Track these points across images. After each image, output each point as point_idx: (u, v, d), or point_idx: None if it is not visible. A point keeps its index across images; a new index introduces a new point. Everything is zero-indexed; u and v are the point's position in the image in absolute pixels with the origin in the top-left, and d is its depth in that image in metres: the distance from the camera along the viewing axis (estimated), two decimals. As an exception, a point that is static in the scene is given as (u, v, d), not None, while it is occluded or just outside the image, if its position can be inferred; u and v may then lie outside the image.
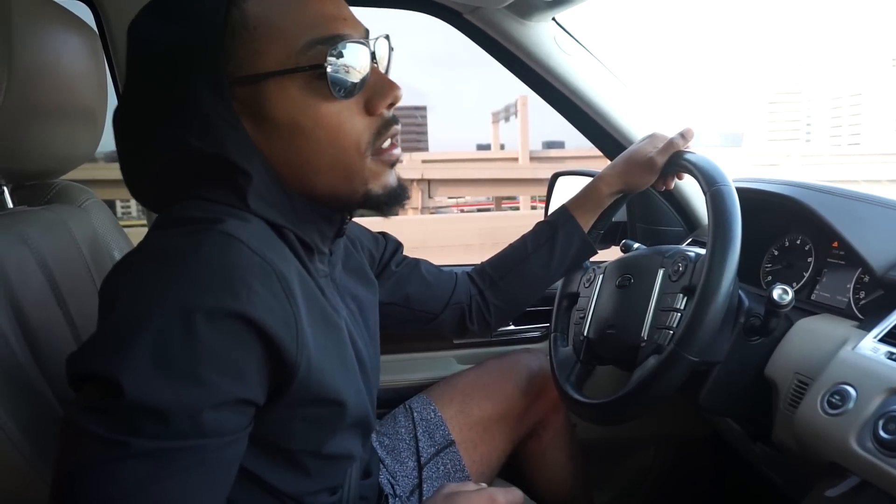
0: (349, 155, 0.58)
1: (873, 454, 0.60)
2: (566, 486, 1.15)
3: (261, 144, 0.57)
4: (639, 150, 0.94)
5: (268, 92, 0.55)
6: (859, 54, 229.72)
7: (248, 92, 0.55)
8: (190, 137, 0.54)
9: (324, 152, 0.57)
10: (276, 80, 0.55)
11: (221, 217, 0.52)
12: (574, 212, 0.97)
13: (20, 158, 0.74)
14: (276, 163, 0.58)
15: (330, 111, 0.56)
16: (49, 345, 0.68)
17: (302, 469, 0.61)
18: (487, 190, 16.88)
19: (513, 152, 19.72)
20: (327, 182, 0.59)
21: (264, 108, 0.55)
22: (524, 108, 21.18)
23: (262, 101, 0.55)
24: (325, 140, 0.57)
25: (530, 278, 0.97)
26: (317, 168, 0.58)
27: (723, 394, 0.82)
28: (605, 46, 1.09)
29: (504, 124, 29.40)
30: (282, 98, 0.55)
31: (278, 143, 0.57)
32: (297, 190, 0.59)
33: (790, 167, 22.22)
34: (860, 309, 0.82)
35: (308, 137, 0.57)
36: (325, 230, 0.64)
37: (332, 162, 0.58)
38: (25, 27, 0.66)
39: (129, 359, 0.45)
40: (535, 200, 16.13)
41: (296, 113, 0.56)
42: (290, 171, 0.58)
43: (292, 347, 0.52)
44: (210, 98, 0.53)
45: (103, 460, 0.45)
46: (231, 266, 0.49)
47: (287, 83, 0.55)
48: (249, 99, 0.55)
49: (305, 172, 0.58)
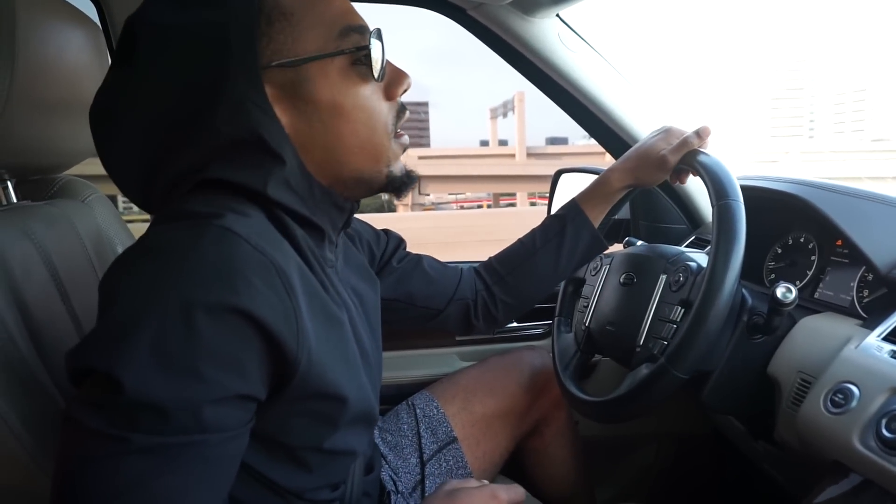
0: (379, 135, 0.62)
1: (876, 453, 0.60)
2: (568, 482, 1.16)
3: (294, 129, 0.58)
4: (652, 145, 0.91)
5: (309, 75, 0.57)
6: (863, 50, 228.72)
7: (287, 76, 0.57)
8: (219, 122, 0.54)
9: (359, 132, 0.60)
10: (317, 64, 0.58)
11: (220, 212, 0.52)
12: (583, 205, 0.95)
13: (24, 153, 0.74)
14: (308, 146, 0.59)
15: (366, 93, 0.60)
16: (52, 339, 0.68)
17: (303, 465, 0.61)
18: (481, 186, 16.84)
19: (510, 149, 19.72)
20: (357, 163, 0.62)
21: (306, 91, 0.57)
22: (521, 103, 21.13)
23: (303, 84, 0.57)
24: (362, 120, 0.60)
25: (539, 274, 0.95)
26: (350, 148, 0.61)
27: (725, 392, 0.82)
28: (609, 43, 1.09)
29: (502, 120, 29.37)
30: (323, 80, 0.58)
31: (317, 125, 0.59)
32: (320, 176, 0.61)
33: (789, 163, 22.15)
34: (864, 307, 0.82)
35: (347, 118, 0.59)
36: (336, 220, 0.65)
37: (365, 142, 0.61)
38: (29, 22, 0.66)
39: (128, 354, 0.45)
40: (532, 197, 16.15)
41: (337, 94, 0.59)
42: (322, 154, 0.60)
43: (293, 342, 0.51)
44: (243, 84, 0.54)
45: (104, 456, 0.45)
46: (230, 261, 0.48)
47: (329, 67, 0.58)
48: (288, 83, 0.57)
49: (338, 154, 0.60)
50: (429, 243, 6.94)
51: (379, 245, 0.90)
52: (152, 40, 0.55)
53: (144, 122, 0.56)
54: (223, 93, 0.54)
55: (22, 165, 0.78)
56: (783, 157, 25.58)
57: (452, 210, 20.61)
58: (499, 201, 16.69)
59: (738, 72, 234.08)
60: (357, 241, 0.84)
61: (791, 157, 24.75)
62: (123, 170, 0.60)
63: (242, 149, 0.55)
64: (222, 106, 0.54)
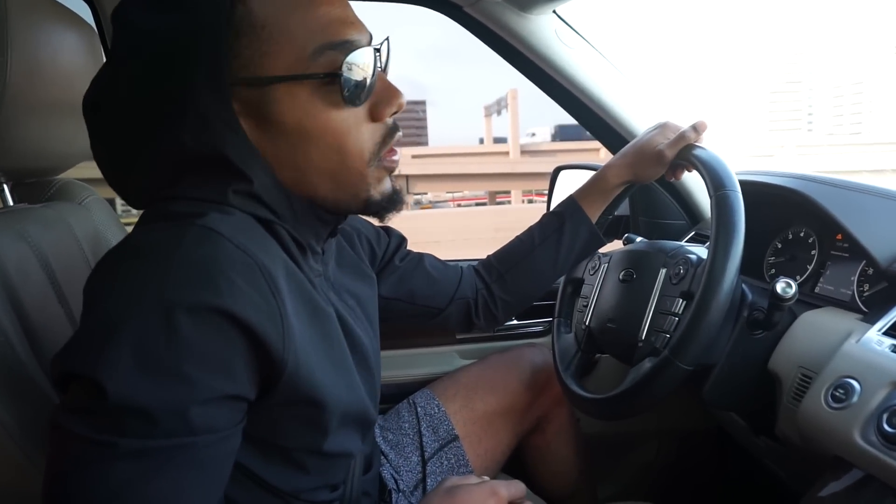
0: (354, 161, 0.58)
1: (877, 448, 0.60)
2: (570, 479, 1.15)
3: (261, 146, 0.55)
4: (649, 140, 0.91)
5: (276, 95, 0.54)
6: (861, 43, 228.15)
7: (252, 94, 0.54)
8: (185, 136, 0.52)
9: (329, 158, 0.57)
10: (285, 85, 0.53)
11: (203, 211, 0.51)
12: (581, 202, 0.95)
13: (19, 156, 0.74)
14: (278, 165, 0.56)
15: (338, 118, 0.56)
16: (49, 342, 0.68)
17: (299, 466, 0.61)
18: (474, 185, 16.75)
19: (504, 146, 19.66)
20: (329, 186, 0.58)
21: (270, 112, 0.54)
22: (514, 101, 21.09)
23: (268, 105, 0.54)
24: (332, 146, 0.56)
25: (538, 271, 0.95)
26: (320, 173, 0.57)
27: (726, 388, 0.81)
28: (606, 38, 1.09)
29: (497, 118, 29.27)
30: (290, 103, 0.54)
31: (283, 147, 0.56)
32: (296, 193, 0.58)
33: (785, 157, 22.12)
34: (864, 302, 0.81)
35: (315, 143, 0.56)
36: (320, 231, 0.63)
37: (337, 168, 0.57)
38: (22, 24, 0.66)
39: (110, 358, 0.44)
40: (526, 194, 16.13)
41: (304, 118, 0.55)
42: (292, 175, 0.57)
43: (278, 343, 0.51)
44: (208, 97, 0.51)
45: (92, 461, 0.44)
46: (212, 261, 0.48)
47: (297, 88, 0.54)
48: (254, 101, 0.54)
49: (308, 177, 0.57)
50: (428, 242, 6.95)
51: (380, 243, 0.90)
52: (125, 39, 0.54)
53: (122, 120, 0.55)
54: (188, 106, 0.52)
55: (18, 168, 0.78)
56: (779, 151, 25.51)
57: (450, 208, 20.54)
58: (495, 199, 16.65)
59: (736, 65, 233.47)
60: (356, 238, 0.83)
61: (787, 150, 24.67)
62: (108, 166, 0.59)
63: (207, 164, 0.54)
64: (188, 118, 0.52)
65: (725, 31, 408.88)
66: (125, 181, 0.59)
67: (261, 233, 0.55)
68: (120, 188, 0.60)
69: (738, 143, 28.16)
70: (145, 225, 0.53)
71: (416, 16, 35.75)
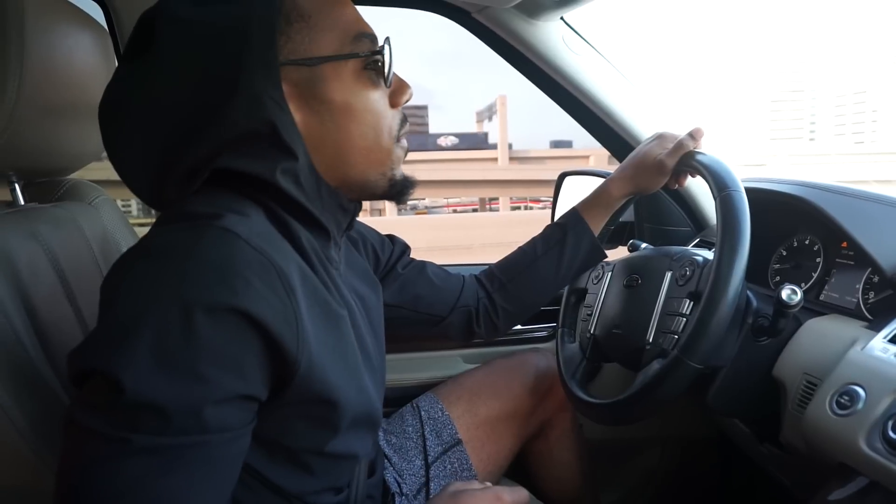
0: (386, 139, 0.64)
1: (882, 455, 0.60)
2: (573, 485, 1.15)
3: (307, 126, 0.59)
4: (648, 151, 0.92)
5: (325, 74, 0.59)
6: (864, 51, 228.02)
7: (302, 74, 0.58)
8: (236, 115, 0.54)
9: (367, 135, 0.62)
10: (332, 65, 0.59)
11: (220, 212, 0.52)
12: (584, 214, 0.95)
13: (31, 156, 0.74)
14: (318, 145, 0.60)
15: (375, 97, 0.62)
16: (59, 341, 0.69)
17: (305, 468, 0.61)
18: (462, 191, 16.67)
19: (493, 152, 19.60)
20: (364, 164, 0.63)
21: (320, 91, 0.59)
22: (503, 107, 21.04)
23: (318, 83, 0.59)
24: (371, 123, 0.62)
25: (539, 281, 0.96)
26: (359, 149, 0.62)
27: (730, 394, 0.81)
28: (613, 45, 1.09)
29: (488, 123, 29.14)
30: (337, 81, 0.59)
31: (329, 124, 0.60)
32: (328, 176, 0.62)
33: (777, 167, 22.00)
34: (869, 309, 0.81)
35: (358, 120, 0.61)
36: (340, 220, 0.66)
37: (372, 144, 0.63)
38: (38, 25, 0.67)
39: (128, 355, 0.45)
40: (514, 201, 16.13)
41: (349, 96, 0.60)
42: (331, 154, 0.61)
43: (293, 343, 0.51)
44: (262, 78, 0.55)
45: (105, 457, 0.45)
46: (229, 261, 0.49)
47: (342, 68, 0.60)
48: (303, 81, 0.58)
49: (347, 154, 0.62)
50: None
51: (384, 250, 0.91)
52: (173, 33, 0.55)
53: (159, 114, 0.56)
54: (241, 86, 0.54)
55: (30, 168, 0.79)
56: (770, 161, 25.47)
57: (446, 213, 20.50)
58: (486, 206, 16.65)
59: (739, 74, 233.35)
60: (361, 245, 0.84)
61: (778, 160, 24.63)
62: (134, 165, 0.59)
63: (255, 141, 0.56)
64: (240, 98, 0.54)
65: (728, 40, 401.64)
66: (152, 182, 0.59)
67: (276, 235, 0.56)
68: (143, 190, 0.60)
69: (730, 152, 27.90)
70: (163, 225, 0.54)
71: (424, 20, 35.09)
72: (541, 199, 17.18)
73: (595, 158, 18.11)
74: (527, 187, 16.06)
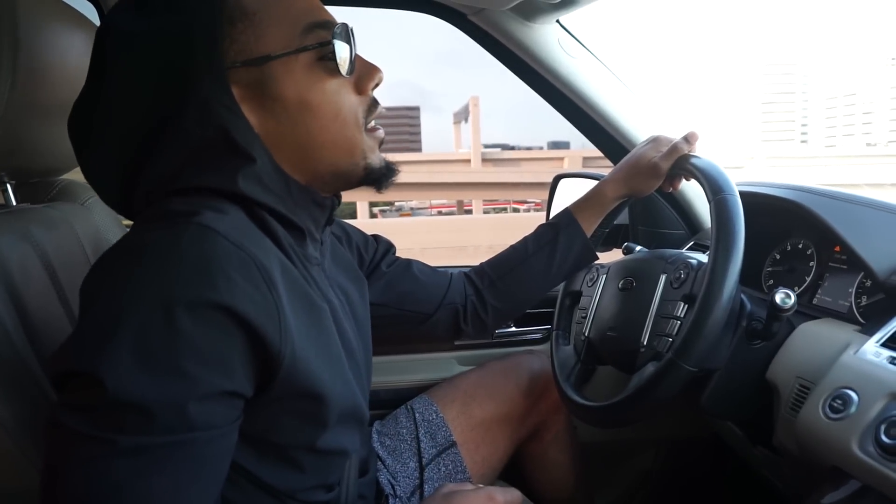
0: (350, 129, 0.62)
1: (875, 459, 0.60)
2: (567, 487, 1.15)
3: (263, 128, 0.58)
4: (643, 154, 0.93)
5: (275, 72, 0.58)
6: (856, 53, 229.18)
7: (252, 75, 0.57)
8: (188, 124, 0.54)
9: (328, 127, 0.61)
10: (282, 62, 0.58)
11: (198, 210, 0.52)
12: (577, 215, 0.96)
13: (24, 156, 0.74)
14: (280, 144, 0.59)
15: (332, 88, 0.60)
16: (50, 341, 0.68)
17: (295, 465, 0.61)
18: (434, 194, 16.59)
19: (466, 154, 19.58)
20: (331, 158, 0.62)
21: (271, 89, 0.58)
22: (476, 108, 21.03)
23: (269, 83, 0.58)
24: (330, 115, 0.61)
25: (530, 280, 0.96)
26: (322, 144, 0.61)
27: (724, 397, 0.81)
28: (608, 48, 1.10)
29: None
30: (289, 78, 0.58)
31: (286, 122, 0.59)
32: (296, 173, 0.61)
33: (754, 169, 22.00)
34: (862, 313, 0.82)
35: (315, 114, 0.60)
36: (317, 216, 0.65)
37: (336, 136, 0.61)
38: (30, 25, 0.66)
39: (110, 355, 0.45)
40: (486, 203, 16.16)
41: (303, 90, 0.59)
42: (294, 155, 0.60)
43: (275, 337, 0.51)
44: (209, 84, 0.54)
45: (90, 458, 0.45)
46: (209, 257, 0.48)
47: (293, 63, 0.58)
48: (254, 82, 0.57)
49: (310, 150, 0.61)
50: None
51: (368, 249, 0.91)
52: (119, 47, 0.56)
53: (118, 130, 0.57)
54: (189, 94, 0.54)
55: (22, 168, 0.78)
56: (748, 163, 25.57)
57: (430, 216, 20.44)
58: (463, 208, 16.62)
59: (730, 76, 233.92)
60: (345, 242, 0.84)
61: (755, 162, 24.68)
62: (102, 179, 0.61)
63: (211, 150, 0.56)
64: (189, 107, 0.54)
65: (719, 40, 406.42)
66: (121, 195, 0.60)
67: (254, 230, 0.56)
68: (113, 202, 0.62)
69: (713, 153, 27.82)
70: (142, 225, 0.54)
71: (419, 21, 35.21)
72: (527, 200, 17.04)
73: (569, 161, 18.07)
74: (501, 190, 16.01)
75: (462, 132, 25.09)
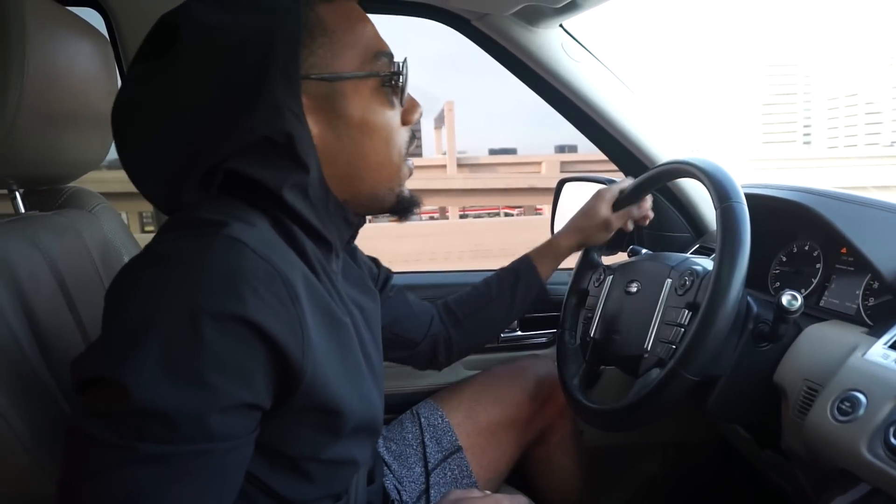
0: (396, 156, 0.65)
1: (884, 461, 0.60)
2: (573, 491, 1.15)
3: (323, 140, 0.59)
4: (591, 209, 1.05)
5: (345, 90, 0.60)
6: (857, 54, 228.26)
7: (321, 89, 0.59)
8: (255, 124, 0.54)
9: (380, 151, 0.63)
10: (352, 82, 0.60)
11: (227, 220, 0.52)
12: (536, 262, 1.05)
13: (32, 164, 0.75)
14: (333, 159, 0.61)
15: (390, 115, 0.63)
16: (59, 348, 0.68)
17: (305, 475, 0.61)
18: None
19: (443, 159, 19.35)
20: (374, 179, 0.64)
21: (338, 105, 0.60)
22: (450, 113, 20.90)
23: (336, 99, 0.59)
24: (384, 139, 0.63)
25: (491, 320, 1.05)
26: (371, 164, 0.63)
27: (731, 400, 0.81)
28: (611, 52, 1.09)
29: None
30: (356, 98, 0.60)
31: (345, 138, 0.61)
32: (338, 190, 0.62)
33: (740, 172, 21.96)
34: (869, 315, 0.81)
35: (373, 135, 0.62)
36: (344, 233, 0.66)
37: (384, 160, 0.64)
38: (39, 34, 0.67)
39: (135, 362, 0.45)
40: (462, 209, 16.06)
41: (366, 112, 0.61)
42: (343, 168, 0.62)
43: (298, 352, 0.52)
44: (283, 90, 0.55)
45: (110, 465, 0.45)
46: (236, 270, 0.49)
47: (361, 85, 0.61)
48: (322, 96, 0.59)
49: (359, 169, 0.63)
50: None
51: (372, 272, 0.92)
52: (196, 37, 0.55)
53: (177, 117, 0.55)
54: (262, 96, 0.54)
55: (30, 176, 0.79)
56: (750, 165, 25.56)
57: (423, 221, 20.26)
58: (445, 213, 16.47)
59: (732, 77, 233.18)
60: (356, 259, 0.85)
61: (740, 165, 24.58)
62: (148, 167, 0.59)
63: (269, 150, 0.56)
64: (260, 108, 0.54)
65: (719, 42, 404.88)
66: (165, 185, 0.59)
67: (281, 243, 0.56)
68: (154, 193, 0.60)
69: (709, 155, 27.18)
70: (169, 232, 0.54)
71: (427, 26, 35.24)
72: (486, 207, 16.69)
73: (546, 165, 17.94)
74: (478, 197, 15.76)
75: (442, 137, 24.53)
